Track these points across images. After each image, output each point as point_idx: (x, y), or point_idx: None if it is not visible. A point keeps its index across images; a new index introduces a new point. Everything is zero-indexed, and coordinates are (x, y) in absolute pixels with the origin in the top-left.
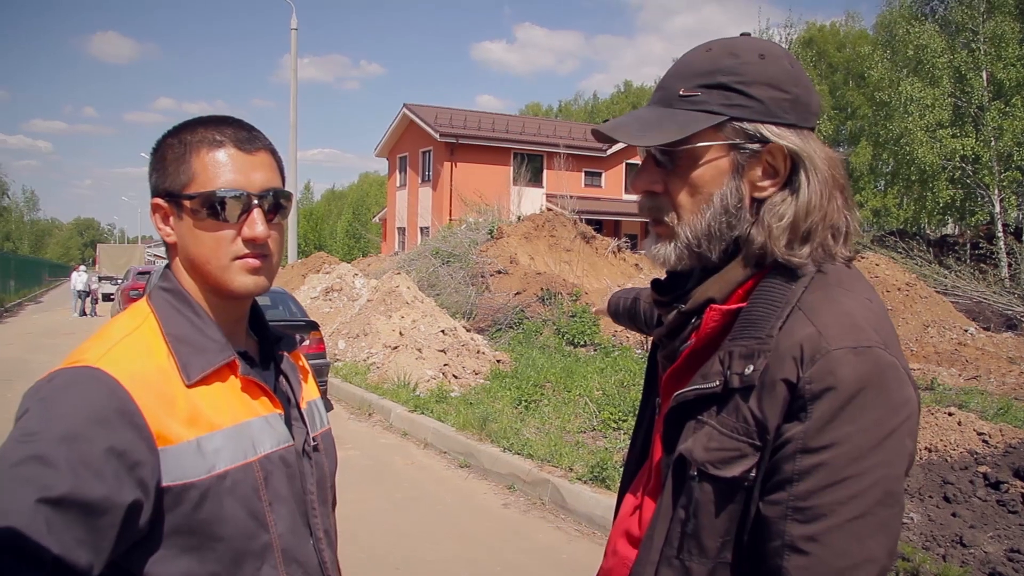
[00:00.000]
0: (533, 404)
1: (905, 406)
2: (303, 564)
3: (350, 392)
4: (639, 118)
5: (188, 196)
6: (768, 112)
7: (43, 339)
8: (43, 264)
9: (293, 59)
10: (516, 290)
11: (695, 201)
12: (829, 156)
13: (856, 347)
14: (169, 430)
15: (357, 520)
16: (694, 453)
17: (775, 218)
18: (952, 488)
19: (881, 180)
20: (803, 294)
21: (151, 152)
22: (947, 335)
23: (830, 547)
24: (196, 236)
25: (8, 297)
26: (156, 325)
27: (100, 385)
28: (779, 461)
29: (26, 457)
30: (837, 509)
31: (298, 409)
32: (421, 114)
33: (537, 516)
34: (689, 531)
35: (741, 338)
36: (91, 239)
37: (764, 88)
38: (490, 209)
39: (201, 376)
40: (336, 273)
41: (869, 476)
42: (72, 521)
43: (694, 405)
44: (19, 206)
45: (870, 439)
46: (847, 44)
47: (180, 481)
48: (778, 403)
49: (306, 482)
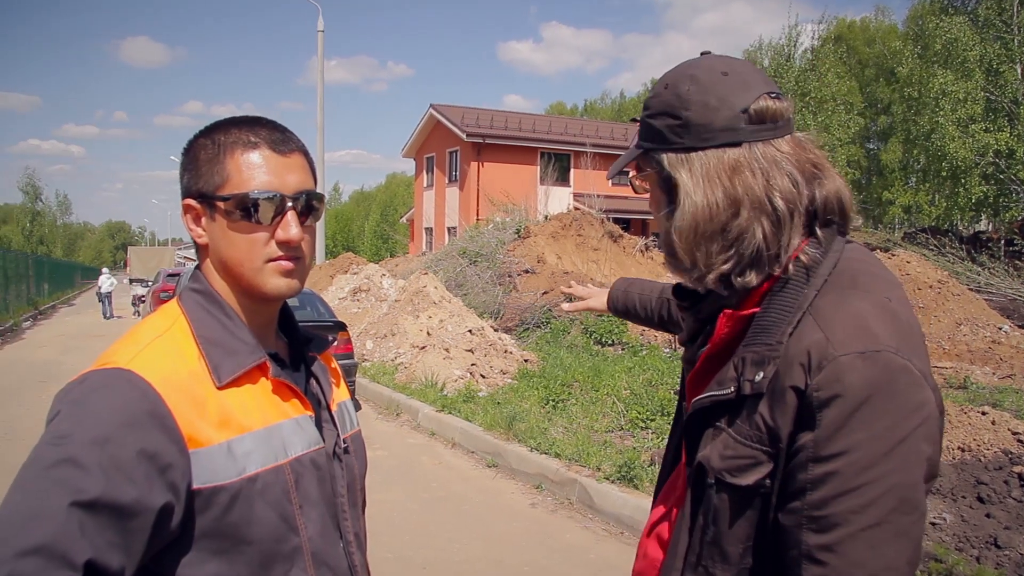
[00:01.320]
0: (561, 404)
1: (920, 410)
2: (333, 568)
3: (378, 392)
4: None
5: (222, 197)
6: (665, 140)
7: (76, 341)
8: (75, 267)
9: (320, 61)
10: (543, 289)
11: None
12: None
13: (864, 352)
14: (200, 433)
15: (384, 520)
16: (711, 461)
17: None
18: (986, 488)
19: (912, 177)
20: (815, 298)
21: (183, 152)
22: (980, 333)
23: (845, 557)
24: (229, 238)
25: (42, 300)
26: (187, 327)
27: (132, 387)
28: (793, 469)
29: (59, 460)
30: (851, 518)
31: (328, 411)
32: (447, 114)
33: (565, 516)
34: (709, 538)
35: (753, 344)
36: (122, 242)
37: (661, 118)
38: (517, 209)
39: (232, 378)
40: (364, 274)
41: (882, 483)
42: (104, 524)
43: (711, 411)
44: (52, 210)
45: (882, 446)
46: (877, 39)
47: (210, 484)
48: (788, 411)
49: (336, 485)
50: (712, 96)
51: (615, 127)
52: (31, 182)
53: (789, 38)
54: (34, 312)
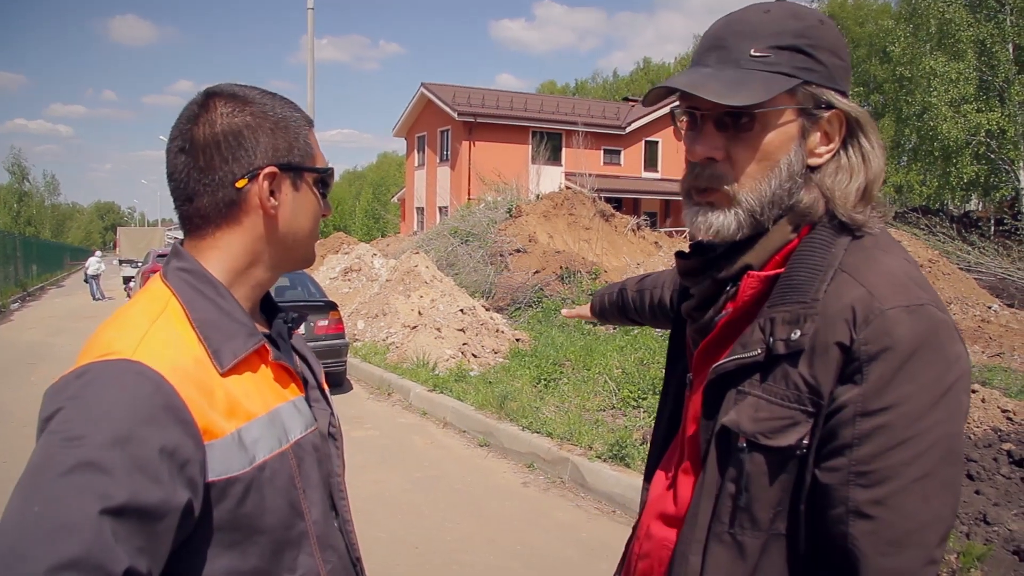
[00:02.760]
0: (552, 383)
1: (959, 361)
2: (335, 548)
3: (369, 372)
4: (717, 76)
5: (316, 170)
6: (831, 78)
7: (65, 322)
8: (64, 248)
9: (310, 39)
10: (535, 269)
11: (761, 167)
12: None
13: (909, 305)
14: (213, 423)
15: (376, 500)
16: (741, 424)
17: (842, 182)
18: (975, 466)
19: (904, 156)
20: (844, 256)
21: (252, 116)
22: (970, 312)
23: (897, 509)
24: (308, 210)
25: (31, 281)
26: (180, 309)
27: (143, 380)
28: (836, 426)
29: (77, 463)
30: (901, 471)
31: (320, 390)
32: (439, 93)
33: (557, 495)
34: (742, 504)
35: (783, 304)
36: (112, 223)
37: (828, 54)
38: (509, 188)
39: (233, 363)
40: (355, 253)
41: (931, 435)
42: (133, 530)
43: (734, 375)
44: (40, 191)
45: (929, 397)
46: (869, 19)
47: (224, 476)
48: (831, 367)
49: (332, 464)
50: (844, 48)
51: (607, 106)
52: (17, 162)
53: None
54: (23, 294)
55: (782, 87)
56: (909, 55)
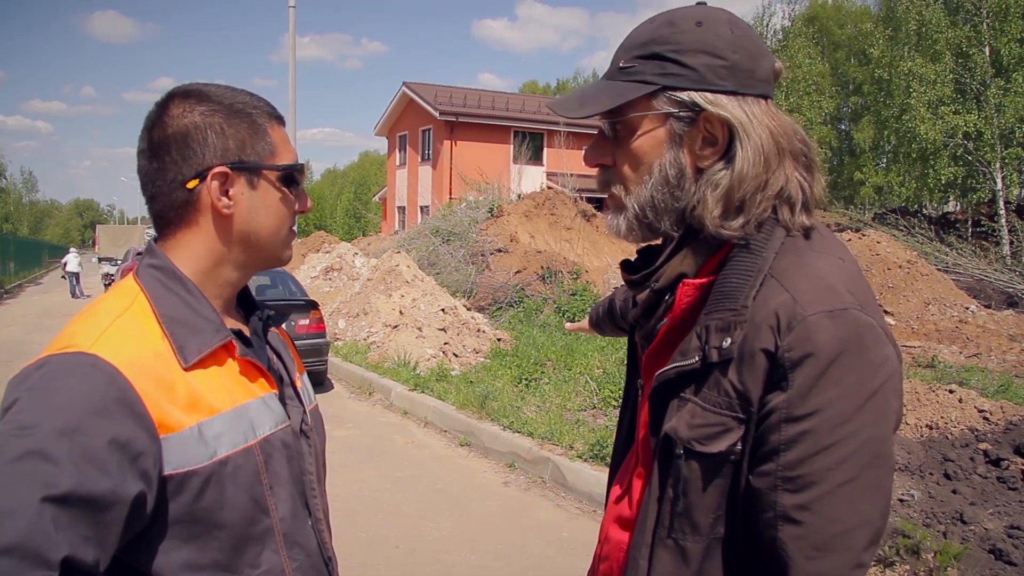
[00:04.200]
0: (533, 382)
1: (885, 364)
2: (304, 546)
3: (350, 371)
4: (581, 92)
5: (275, 167)
6: (703, 80)
7: (43, 320)
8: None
9: (291, 37)
10: (516, 268)
11: (638, 173)
12: (776, 124)
13: (832, 310)
14: (170, 417)
15: (356, 499)
16: (679, 431)
17: (710, 188)
18: (953, 465)
19: (883, 158)
20: (774, 260)
21: (211, 115)
22: (948, 313)
23: (822, 514)
24: (271, 208)
25: (8, 279)
26: (147, 305)
27: (98, 373)
28: (764, 432)
29: (25, 452)
30: (826, 476)
31: (293, 387)
32: (420, 92)
33: (538, 494)
34: (680, 510)
35: (716, 311)
36: (91, 220)
37: (699, 56)
38: (490, 187)
39: (199, 358)
40: (336, 252)
41: (856, 439)
42: (78, 518)
43: (675, 383)
44: (17, 187)
45: (853, 402)
46: (849, 21)
47: (182, 469)
48: (758, 374)
49: (304, 462)
50: (754, 45)
51: None
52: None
53: (761, 18)
54: (0, 291)
55: (632, 95)
56: (888, 57)
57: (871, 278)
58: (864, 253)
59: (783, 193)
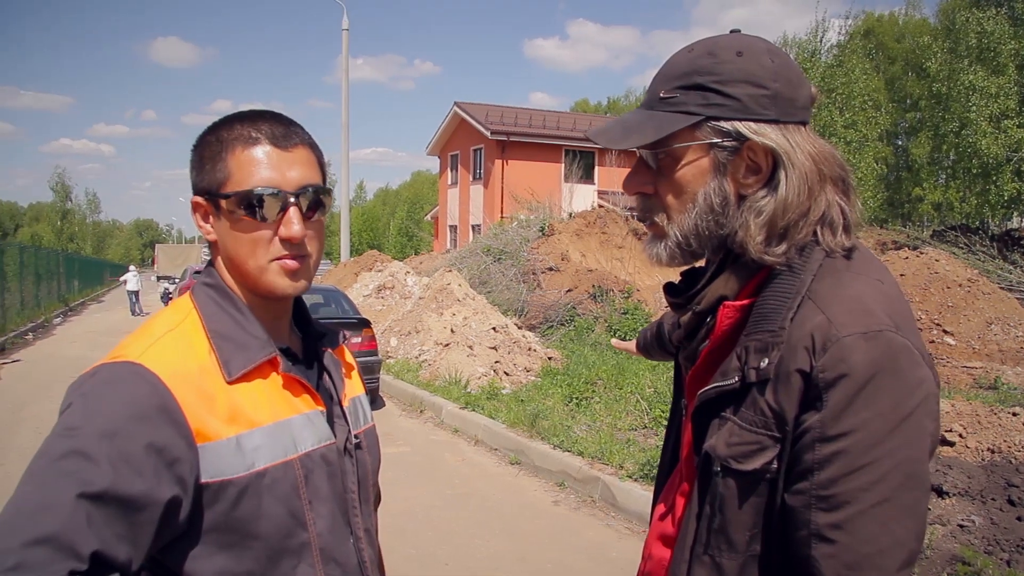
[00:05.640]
0: (584, 401)
1: (921, 387)
2: (342, 564)
3: (402, 389)
4: (623, 122)
5: (224, 195)
6: (746, 109)
7: (105, 338)
8: (105, 264)
9: (344, 59)
10: (567, 287)
11: (681, 201)
12: (817, 150)
13: (867, 332)
14: (208, 427)
15: (407, 516)
16: (717, 449)
17: (753, 214)
18: (1017, 491)
19: (942, 174)
20: (812, 282)
21: (192, 149)
22: (1012, 332)
23: (855, 534)
24: (234, 236)
25: (72, 296)
26: (198, 321)
27: (141, 381)
28: (800, 451)
29: (67, 452)
30: (860, 496)
31: (340, 406)
32: (472, 112)
33: (587, 514)
34: (716, 527)
35: (755, 332)
36: (150, 239)
37: (741, 86)
38: (541, 206)
39: (242, 373)
40: (388, 271)
41: (889, 460)
42: (112, 516)
43: (716, 403)
44: (82, 208)
45: (887, 423)
46: (907, 34)
47: (219, 478)
48: (794, 394)
49: (347, 480)
50: (794, 73)
51: None
52: (61, 181)
53: (815, 33)
54: (64, 308)
55: (676, 126)
56: (946, 71)
57: (929, 297)
58: (922, 271)
59: (825, 218)
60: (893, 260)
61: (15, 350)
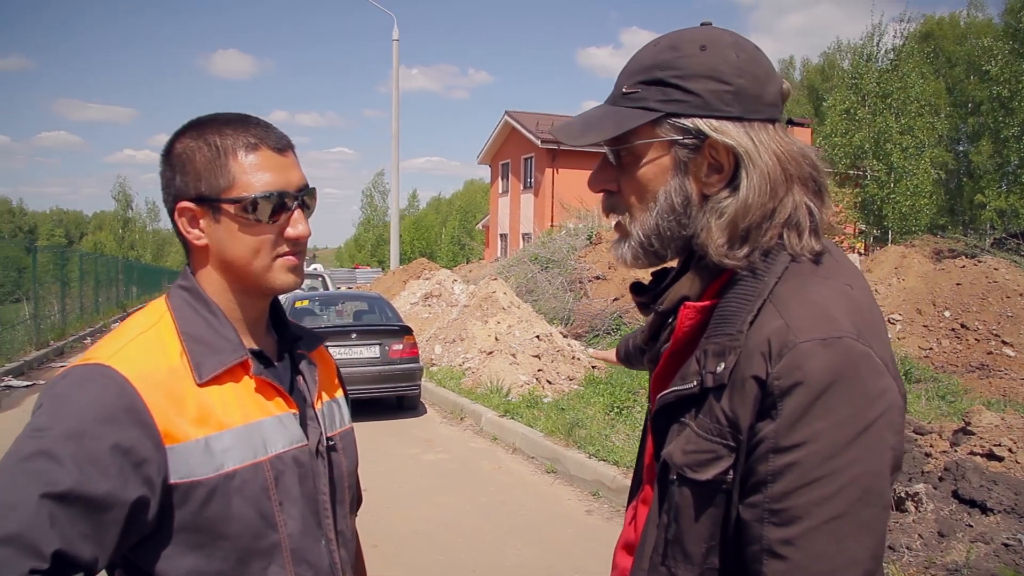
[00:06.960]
0: (626, 411)
1: (882, 397)
2: (313, 565)
3: (443, 396)
4: (585, 117)
5: (231, 200)
6: (707, 106)
7: None
8: (163, 272)
9: (395, 69)
10: (614, 296)
11: (643, 200)
12: (784, 149)
13: (826, 338)
14: (177, 428)
15: (438, 522)
16: (673, 456)
17: (715, 215)
18: None
19: (1004, 180)
20: (776, 285)
21: (164, 155)
22: None
23: (807, 550)
24: (238, 239)
25: (131, 303)
26: (172, 323)
27: (109, 383)
28: (753, 462)
29: (34, 452)
30: (812, 511)
31: (313, 409)
32: (522, 121)
33: (619, 524)
34: (671, 537)
35: (714, 335)
36: None
37: (703, 81)
38: (590, 214)
39: (213, 375)
40: (436, 279)
41: (845, 474)
42: (76, 516)
43: (676, 407)
44: (143, 217)
45: (844, 435)
46: (969, 36)
47: (188, 479)
48: (749, 401)
49: (319, 482)
50: (760, 68)
51: None
52: (123, 190)
53: (871, 37)
54: (122, 314)
55: (635, 122)
56: (1008, 73)
57: (988, 307)
58: (980, 280)
59: (791, 220)
60: (949, 269)
61: (73, 354)
